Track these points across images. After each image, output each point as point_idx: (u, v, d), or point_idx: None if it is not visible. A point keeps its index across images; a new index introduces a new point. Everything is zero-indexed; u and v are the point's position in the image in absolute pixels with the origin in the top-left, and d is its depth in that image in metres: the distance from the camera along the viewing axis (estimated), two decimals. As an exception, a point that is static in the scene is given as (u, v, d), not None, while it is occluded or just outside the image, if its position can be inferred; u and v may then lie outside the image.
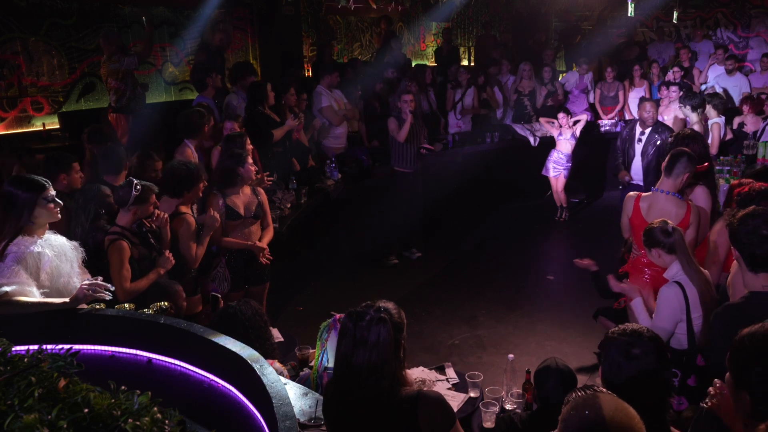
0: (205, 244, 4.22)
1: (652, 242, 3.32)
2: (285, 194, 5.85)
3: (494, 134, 8.66)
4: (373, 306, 2.24)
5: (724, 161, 6.36)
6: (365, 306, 2.26)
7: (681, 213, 3.77)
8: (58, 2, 7.04)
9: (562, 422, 1.67)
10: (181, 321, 2.74)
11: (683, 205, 3.82)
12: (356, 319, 2.21)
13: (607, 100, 9.34)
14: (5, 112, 6.69)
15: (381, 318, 2.18)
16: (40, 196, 2.93)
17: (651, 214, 3.80)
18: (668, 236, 3.25)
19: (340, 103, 7.36)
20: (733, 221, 2.74)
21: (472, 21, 13.75)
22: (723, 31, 12.24)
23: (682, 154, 3.84)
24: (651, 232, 3.33)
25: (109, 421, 1.55)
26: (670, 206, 3.79)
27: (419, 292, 6.33)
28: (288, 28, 9.50)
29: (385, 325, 2.17)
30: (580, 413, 1.63)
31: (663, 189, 3.86)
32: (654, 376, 2.05)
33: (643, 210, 3.88)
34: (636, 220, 3.90)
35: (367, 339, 2.16)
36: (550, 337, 5.27)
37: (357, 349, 2.18)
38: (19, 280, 2.71)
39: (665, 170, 3.87)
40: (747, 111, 7.28)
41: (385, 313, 2.21)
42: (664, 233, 3.27)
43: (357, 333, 2.18)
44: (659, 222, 3.34)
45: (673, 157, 3.85)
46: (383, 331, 2.17)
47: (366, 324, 2.18)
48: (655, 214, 3.73)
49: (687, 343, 3.16)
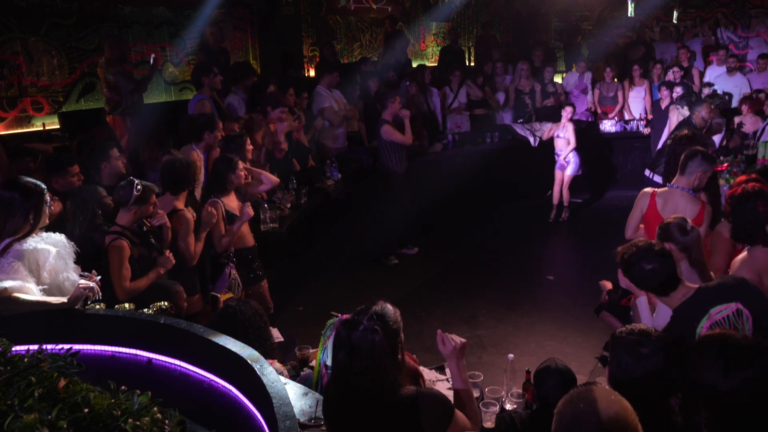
0: (203, 240, 4.22)
1: (666, 237, 3.27)
2: (285, 194, 5.85)
3: (494, 134, 8.67)
4: (367, 314, 2.24)
5: (724, 161, 6.36)
6: (359, 312, 2.26)
7: (695, 210, 3.84)
8: (58, 2, 7.03)
9: (557, 415, 1.68)
10: (181, 321, 2.74)
11: (698, 202, 3.89)
12: (350, 329, 2.22)
13: (607, 100, 9.34)
14: (5, 112, 6.68)
15: (374, 329, 2.18)
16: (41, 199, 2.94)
17: (666, 209, 3.86)
18: (685, 234, 3.20)
19: (340, 103, 7.37)
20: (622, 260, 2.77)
21: (472, 21, 13.75)
22: (723, 31, 12.23)
23: (696, 153, 3.91)
24: (667, 227, 3.27)
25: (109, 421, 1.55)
26: (685, 203, 3.86)
27: (419, 292, 6.33)
28: (288, 28, 9.49)
29: (377, 334, 2.18)
30: (574, 406, 1.64)
31: (678, 185, 3.93)
32: (662, 376, 2.05)
33: (659, 205, 3.94)
34: (651, 214, 3.95)
35: (361, 348, 2.17)
36: (550, 337, 5.27)
37: (352, 358, 2.19)
38: (18, 276, 2.70)
39: (680, 168, 3.95)
40: (746, 111, 7.28)
41: (379, 321, 2.21)
42: (681, 230, 3.21)
43: (351, 342, 2.19)
44: (678, 218, 3.31)
45: (688, 156, 3.92)
46: (377, 341, 2.17)
47: (360, 334, 2.19)
48: (669, 210, 3.80)
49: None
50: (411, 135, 6.74)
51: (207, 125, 5.03)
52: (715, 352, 1.85)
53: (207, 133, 5.00)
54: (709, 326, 2.56)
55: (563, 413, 1.66)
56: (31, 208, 2.90)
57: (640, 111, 9.18)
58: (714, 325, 2.55)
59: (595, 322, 4.48)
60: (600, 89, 9.41)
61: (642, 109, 9.18)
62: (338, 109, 7.25)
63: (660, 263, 2.65)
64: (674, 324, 2.65)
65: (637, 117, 9.14)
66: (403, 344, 2.31)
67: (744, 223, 3.17)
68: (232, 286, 4.49)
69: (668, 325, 2.70)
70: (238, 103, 6.69)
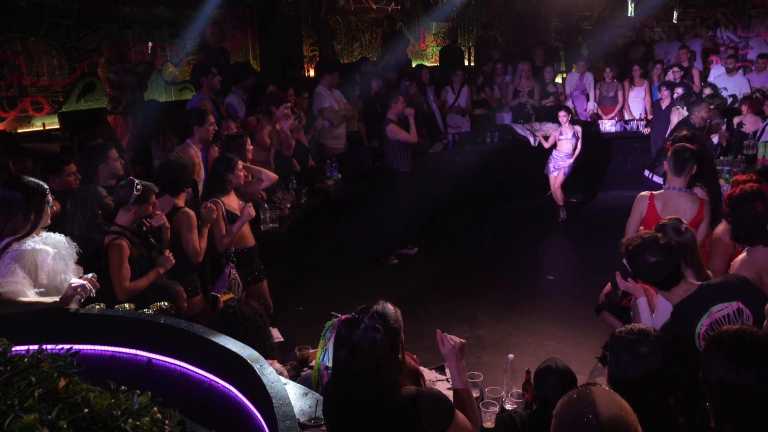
0: (206, 236, 4.22)
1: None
2: (285, 194, 5.85)
3: (494, 134, 8.67)
4: (368, 312, 2.24)
5: (724, 161, 6.36)
6: (361, 311, 2.26)
7: (695, 208, 3.87)
8: (58, 2, 7.03)
9: (556, 416, 1.68)
10: (181, 321, 2.74)
11: (696, 200, 3.92)
12: (351, 327, 2.21)
13: (606, 100, 9.34)
14: (5, 112, 6.68)
15: (375, 327, 2.18)
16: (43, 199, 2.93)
17: (666, 211, 3.86)
18: (679, 235, 3.19)
19: (340, 103, 7.37)
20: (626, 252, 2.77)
21: (472, 21, 13.75)
22: (723, 31, 12.23)
23: (685, 150, 3.93)
24: (663, 228, 3.28)
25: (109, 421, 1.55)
26: (684, 202, 3.89)
27: (419, 292, 6.33)
28: (288, 28, 9.49)
29: (378, 333, 2.18)
30: (573, 407, 1.64)
31: (675, 186, 3.94)
32: (661, 375, 2.05)
33: (659, 208, 3.94)
34: (651, 217, 3.94)
35: (362, 347, 2.17)
36: (550, 337, 5.27)
37: (353, 357, 2.19)
38: (14, 279, 2.70)
39: (674, 169, 3.95)
40: (746, 111, 7.27)
41: (380, 320, 2.21)
42: (676, 231, 3.20)
43: (352, 341, 2.19)
44: (672, 219, 3.31)
45: (680, 156, 3.93)
46: (378, 339, 2.17)
47: (361, 332, 2.18)
48: (670, 211, 3.79)
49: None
50: (416, 133, 6.77)
51: (196, 120, 5.09)
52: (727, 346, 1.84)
53: (196, 127, 5.08)
54: (709, 324, 2.56)
55: (562, 414, 1.66)
56: (33, 209, 2.90)
57: (640, 111, 9.18)
58: (714, 323, 2.55)
59: (595, 322, 4.48)
60: (600, 89, 9.41)
61: (642, 109, 9.18)
62: (338, 109, 7.25)
63: (665, 257, 2.65)
64: (674, 320, 2.65)
65: (637, 117, 9.14)
66: (403, 343, 2.31)
67: (743, 224, 3.17)
68: (232, 286, 4.49)
69: (668, 321, 2.70)
70: (238, 103, 6.69)
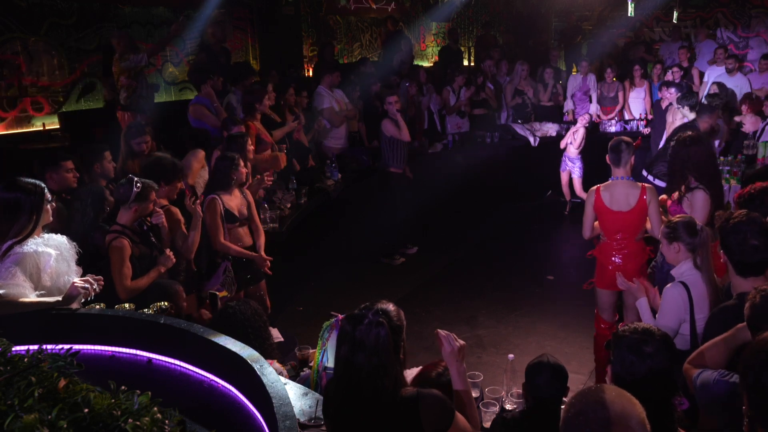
0: (198, 230, 4.22)
1: (675, 237, 3.25)
2: (285, 194, 5.85)
3: (494, 134, 8.66)
4: (372, 309, 2.22)
5: (724, 161, 6.35)
6: (364, 308, 2.24)
7: (636, 193, 4.13)
8: (58, 2, 7.04)
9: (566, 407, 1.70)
10: (181, 321, 2.74)
11: (637, 185, 4.19)
12: (355, 323, 2.19)
13: (607, 100, 9.33)
14: (5, 112, 6.69)
15: (379, 322, 2.16)
16: (42, 198, 2.93)
17: (612, 200, 4.17)
18: (694, 235, 3.17)
19: (341, 103, 7.37)
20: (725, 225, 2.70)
21: (472, 21, 13.75)
22: (723, 31, 12.23)
23: (620, 143, 4.23)
24: (675, 228, 3.25)
25: (109, 421, 1.56)
26: (628, 189, 4.18)
27: (419, 292, 6.33)
28: (288, 28, 9.50)
29: (383, 328, 2.16)
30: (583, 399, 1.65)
31: (618, 176, 4.24)
32: (665, 374, 2.05)
33: (605, 199, 4.20)
34: (600, 207, 4.23)
35: (365, 343, 2.15)
36: (550, 337, 5.27)
37: (356, 353, 2.16)
38: (15, 282, 2.69)
39: (614, 162, 4.23)
40: (746, 111, 7.27)
41: (384, 316, 2.19)
42: (690, 231, 3.18)
43: (356, 336, 2.17)
44: (685, 217, 3.27)
45: (616, 149, 4.22)
46: (382, 335, 2.15)
47: (364, 327, 2.16)
48: (616, 199, 4.15)
49: (690, 344, 3.15)
50: (407, 132, 6.71)
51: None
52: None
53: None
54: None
55: (572, 405, 1.67)
56: (33, 209, 2.90)
57: (641, 111, 9.18)
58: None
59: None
60: (600, 89, 9.40)
61: (642, 110, 9.17)
62: (339, 109, 7.25)
63: (764, 242, 2.58)
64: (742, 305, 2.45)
65: (637, 117, 9.14)
66: (405, 343, 2.30)
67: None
68: (225, 283, 4.49)
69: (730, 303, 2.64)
70: (237, 103, 6.68)
